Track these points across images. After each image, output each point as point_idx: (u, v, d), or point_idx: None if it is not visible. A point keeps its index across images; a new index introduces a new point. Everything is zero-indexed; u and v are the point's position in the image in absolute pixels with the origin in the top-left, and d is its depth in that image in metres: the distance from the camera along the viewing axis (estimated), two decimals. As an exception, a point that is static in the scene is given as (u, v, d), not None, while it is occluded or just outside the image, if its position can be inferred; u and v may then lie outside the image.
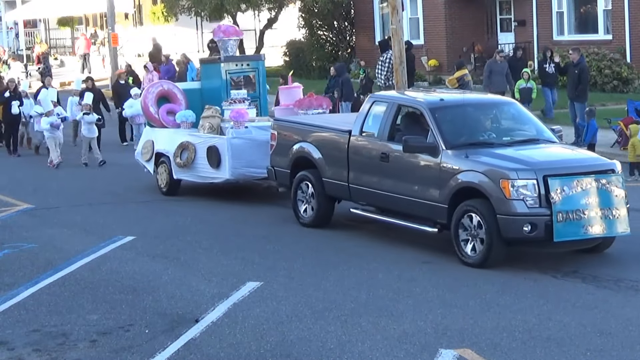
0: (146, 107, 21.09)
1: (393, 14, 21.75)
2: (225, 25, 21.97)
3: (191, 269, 14.54)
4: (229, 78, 20.69)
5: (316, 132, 17.02)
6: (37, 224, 18.23)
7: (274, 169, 17.81)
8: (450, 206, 14.36)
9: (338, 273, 14.06)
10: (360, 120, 16.17)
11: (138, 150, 21.60)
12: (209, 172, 19.45)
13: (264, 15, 46.49)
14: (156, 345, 11.22)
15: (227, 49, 20.93)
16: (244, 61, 21.34)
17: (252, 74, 20.95)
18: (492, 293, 12.83)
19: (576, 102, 25.46)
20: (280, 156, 17.58)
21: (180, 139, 20.00)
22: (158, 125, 20.93)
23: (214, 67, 21.07)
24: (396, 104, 15.85)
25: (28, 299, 13.27)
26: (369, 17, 43.26)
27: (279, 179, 17.86)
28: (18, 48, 58.65)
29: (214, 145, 19.24)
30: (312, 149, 16.90)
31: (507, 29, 39.80)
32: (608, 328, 11.31)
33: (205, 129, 19.80)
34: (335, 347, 10.92)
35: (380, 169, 15.55)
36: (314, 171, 16.85)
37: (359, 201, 16.38)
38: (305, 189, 16.98)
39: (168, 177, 20.38)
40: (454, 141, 14.69)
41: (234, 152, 18.94)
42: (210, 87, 21.06)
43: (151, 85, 21.42)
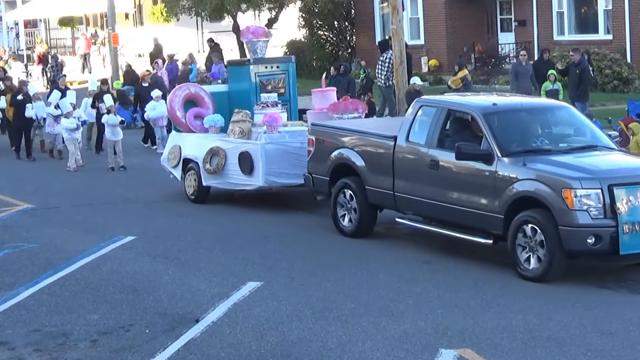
0: (173, 111, 20.22)
1: (393, 14, 21.79)
2: (254, 26, 21.06)
3: (192, 269, 14.54)
4: (258, 81, 19.84)
5: (358, 138, 16.20)
6: (38, 224, 18.23)
7: (312, 176, 17.01)
8: (506, 217, 13.60)
9: (338, 273, 14.06)
10: (406, 126, 15.31)
11: (164, 156, 20.60)
12: (240, 179, 18.57)
13: (265, 15, 46.49)
14: (157, 345, 11.22)
15: (256, 50, 20.06)
16: (274, 63, 20.39)
17: (282, 76, 20.14)
18: (493, 293, 12.83)
19: (577, 102, 25.43)
20: (318, 163, 16.80)
21: (210, 144, 19.12)
22: (185, 130, 20.07)
23: (242, 69, 20.24)
24: (446, 108, 15.01)
25: (28, 299, 13.27)
26: (369, 17, 43.27)
27: (317, 187, 17.07)
28: (18, 48, 58.66)
29: (247, 151, 18.34)
30: (353, 155, 16.11)
31: (508, 29, 39.80)
32: (609, 328, 11.31)
33: (236, 133, 18.86)
34: (335, 347, 10.92)
35: (429, 177, 14.78)
36: (355, 179, 16.05)
37: (405, 210, 15.58)
38: (346, 198, 16.18)
39: (197, 184, 19.46)
40: (510, 148, 13.93)
41: (268, 158, 18.08)
42: (238, 90, 20.19)
43: (178, 89, 20.56)
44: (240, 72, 20.25)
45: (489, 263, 14.35)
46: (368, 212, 16.03)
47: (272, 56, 22.41)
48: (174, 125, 20.53)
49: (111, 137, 24.19)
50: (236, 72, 20.57)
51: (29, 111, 26.14)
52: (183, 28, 51.85)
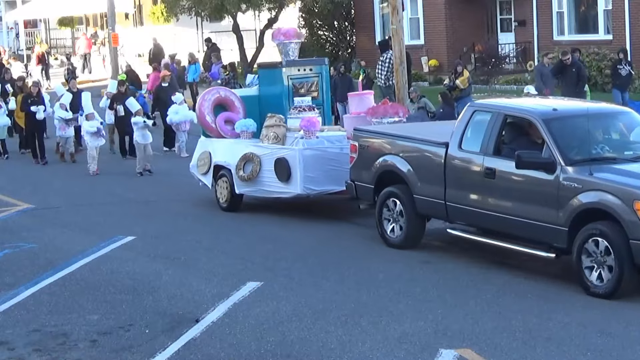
0: (202, 116, 19.33)
1: (393, 14, 21.76)
2: (285, 28, 20.16)
3: (191, 269, 14.55)
4: (291, 84, 18.94)
5: (405, 144, 15.34)
6: (38, 224, 18.24)
7: (355, 183, 16.21)
8: (571, 229, 12.81)
9: (338, 273, 14.06)
10: (459, 132, 14.47)
11: (193, 162, 19.63)
12: (276, 186, 17.76)
13: (264, 15, 46.46)
14: (156, 345, 11.22)
15: (287, 52, 19.19)
16: (306, 65, 19.43)
17: (315, 79, 19.22)
18: (493, 293, 12.83)
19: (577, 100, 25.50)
20: (362, 170, 15.99)
21: (243, 150, 18.26)
22: (215, 135, 19.18)
23: (273, 72, 19.26)
24: (502, 114, 14.11)
25: (28, 299, 13.27)
26: (370, 17, 43.24)
27: (360, 195, 16.25)
28: (18, 48, 58.64)
29: (283, 157, 17.52)
30: (400, 162, 15.26)
31: (508, 29, 39.79)
32: (608, 328, 11.31)
33: (270, 139, 18.03)
34: (335, 347, 10.92)
35: (484, 186, 13.95)
36: (403, 187, 15.24)
37: (457, 221, 14.75)
38: (393, 207, 15.38)
39: (229, 192, 18.62)
40: (573, 156, 13.12)
41: (306, 164, 17.28)
42: (269, 93, 19.30)
43: (207, 92, 19.76)
44: (272, 76, 19.35)
45: (488, 263, 14.35)
46: (416, 222, 15.23)
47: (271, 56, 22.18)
48: (203, 130, 19.63)
49: (141, 140, 23.33)
50: (267, 76, 19.69)
51: (40, 113, 25.51)
52: (183, 28, 51.83)
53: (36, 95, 26.02)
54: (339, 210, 18.14)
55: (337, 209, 18.36)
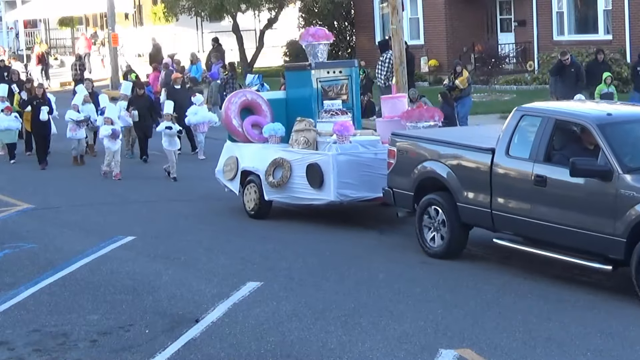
0: (228, 120, 18.52)
1: (393, 14, 21.73)
2: (314, 28, 19.34)
3: (191, 269, 14.55)
4: (320, 87, 18.27)
5: (448, 150, 14.66)
6: (38, 224, 18.24)
7: (393, 190, 15.52)
8: (629, 241, 12.21)
9: (338, 273, 14.07)
10: (506, 137, 13.84)
11: (218, 167, 18.94)
12: (308, 192, 17.05)
13: (264, 15, 46.49)
14: (156, 345, 11.23)
15: (316, 54, 18.41)
16: (336, 67, 18.72)
17: (345, 82, 18.54)
18: (493, 293, 12.83)
19: (575, 100, 25.51)
20: (401, 176, 15.30)
21: (273, 155, 17.57)
22: (241, 140, 18.46)
23: (302, 74, 18.56)
24: (553, 118, 13.44)
25: (28, 299, 13.28)
26: (369, 17, 43.27)
27: (398, 202, 15.57)
28: (18, 48, 58.64)
29: (316, 162, 16.84)
30: (442, 169, 14.58)
31: (507, 29, 39.83)
32: (608, 328, 11.31)
33: (300, 143, 17.38)
34: (335, 347, 10.93)
35: (534, 195, 13.29)
36: (445, 194, 14.57)
37: (504, 230, 14.04)
38: (434, 215, 14.72)
39: (258, 199, 17.93)
40: (631, 163, 12.46)
41: (340, 170, 16.58)
42: (297, 96, 18.63)
43: (233, 95, 19.01)
44: (300, 78, 18.65)
45: (488, 263, 14.35)
46: (459, 232, 14.55)
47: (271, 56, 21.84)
48: (229, 134, 18.92)
49: (169, 146, 22.46)
50: (295, 78, 19.00)
51: (44, 114, 24.81)
52: (183, 28, 51.86)
53: (41, 97, 25.44)
54: (339, 211, 18.12)
55: (338, 209, 18.35)
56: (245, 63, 43.85)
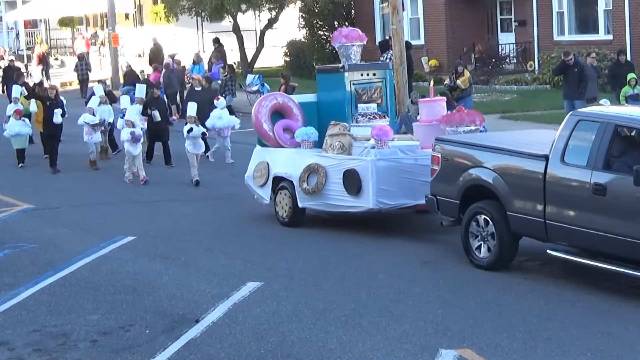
0: (259, 124, 17.76)
1: (393, 14, 21.75)
2: (347, 29, 18.39)
3: (192, 269, 14.55)
4: (353, 90, 17.53)
5: (497, 156, 13.98)
6: (38, 224, 18.24)
7: (436, 198, 14.82)
8: None
9: (338, 273, 14.07)
10: (560, 144, 13.13)
11: (249, 173, 18.16)
12: (345, 200, 16.32)
13: (265, 15, 46.48)
14: (157, 345, 11.23)
15: (349, 55, 17.72)
16: (370, 70, 17.94)
17: (379, 85, 17.75)
18: (493, 293, 12.83)
19: (578, 100, 25.49)
20: (445, 183, 14.61)
21: (307, 161, 16.86)
22: (272, 144, 17.72)
23: (334, 77, 17.77)
24: (612, 124, 12.77)
25: (28, 299, 13.28)
26: (370, 17, 43.27)
27: (442, 210, 14.88)
28: (18, 48, 58.69)
29: (354, 168, 16.11)
30: (491, 176, 13.87)
31: (508, 29, 39.83)
32: (608, 328, 11.31)
33: (335, 148, 16.64)
34: (335, 347, 10.93)
35: (592, 204, 12.64)
36: (494, 203, 13.89)
37: (558, 241, 13.33)
38: (482, 224, 14.01)
39: (291, 206, 17.21)
40: None
41: (379, 176, 15.87)
42: (330, 100, 17.86)
43: (264, 99, 18.34)
44: (332, 80, 17.84)
45: (489, 263, 14.34)
46: (509, 242, 13.83)
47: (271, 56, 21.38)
48: (259, 138, 18.15)
49: (193, 150, 21.76)
50: (327, 80, 18.11)
51: (57, 117, 24.21)
52: (183, 28, 51.87)
53: (54, 98, 24.76)
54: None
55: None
56: (246, 63, 43.85)
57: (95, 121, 24.22)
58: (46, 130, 24.77)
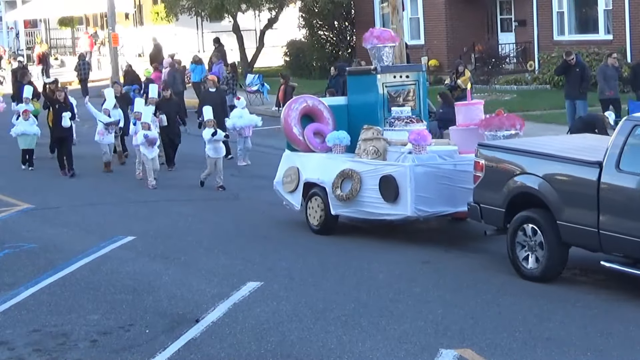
0: (289, 128, 17.12)
1: (393, 14, 21.74)
2: (378, 29, 17.90)
3: (192, 269, 14.55)
4: (386, 92, 16.86)
5: (546, 163, 13.35)
6: (38, 224, 18.24)
7: (480, 206, 14.22)
8: None
9: (338, 273, 14.07)
10: (615, 150, 12.55)
11: (278, 179, 17.54)
12: (381, 207, 15.69)
13: (265, 15, 46.51)
14: (157, 345, 11.23)
15: (381, 57, 17.08)
16: (403, 72, 17.31)
17: (412, 87, 17.13)
18: (493, 293, 12.83)
19: (579, 100, 25.51)
20: (490, 191, 14.01)
21: (340, 166, 16.23)
22: (302, 149, 17.09)
23: (366, 79, 17.15)
24: None
25: (28, 299, 13.28)
26: (370, 17, 43.26)
27: (486, 219, 14.26)
28: (18, 48, 58.69)
29: (390, 174, 15.49)
30: (540, 184, 13.26)
31: (508, 29, 39.83)
32: (608, 328, 11.31)
33: (370, 153, 16.08)
34: (335, 347, 10.93)
35: None
36: (542, 212, 13.26)
37: (613, 252, 12.79)
38: (530, 234, 13.39)
39: (323, 213, 16.59)
40: None
41: (418, 183, 15.26)
42: (361, 103, 17.19)
43: (293, 102, 17.60)
44: (364, 83, 17.20)
45: (488, 263, 14.35)
46: (559, 252, 13.22)
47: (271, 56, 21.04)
48: (289, 142, 17.50)
49: (214, 154, 21.01)
50: (358, 83, 17.46)
51: (66, 120, 23.39)
52: (183, 28, 51.89)
53: (63, 101, 23.86)
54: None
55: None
56: (246, 63, 43.86)
57: (108, 121, 23.71)
58: (55, 134, 24.00)
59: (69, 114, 23.61)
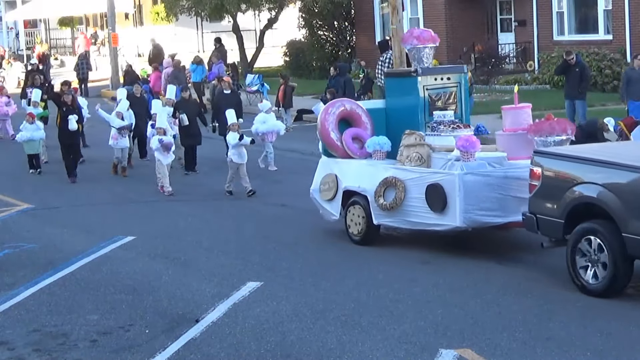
0: (326, 133, 16.34)
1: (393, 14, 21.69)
2: (418, 30, 16.92)
3: (191, 269, 14.55)
4: (427, 96, 16.11)
5: (610, 171, 12.56)
6: (38, 224, 18.24)
7: (536, 216, 13.44)
8: None
9: (338, 273, 14.07)
10: None
11: (314, 186, 16.71)
12: (427, 217, 14.93)
13: (264, 15, 46.51)
14: (156, 345, 11.23)
15: (421, 58, 16.32)
16: (444, 74, 16.50)
17: (453, 90, 16.37)
18: (493, 293, 12.83)
19: (578, 100, 25.50)
20: (548, 201, 13.23)
21: (383, 174, 15.46)
22: (340, 155, 16.34)
23: (406, 81, 16.30)
24: None
25: (28, 299, 13.28)
26: (369, 17, 43.28)
27: (543, 230, 13.46)
28: (18, 48, 58.70)
29: (438, 183, 14.71)
30: (602, 193, 12.49)
31: (508, 29, 39.83)
32: (608, 328, 11.31)
33: (413, 160, 15.32)
34: (335, 347, 10.93)
35: None
36: (606, 223, 12.49)
37: None
38: (593, 247, 12.66)
39: (364, 222, 15.77)
40: None
41: (467, 192, 14.49)
42: (400, 106, 16.39)
43: (331, 105, 16.78)
44: (404, 85, 16.37)
45: (488, 263, 14.35)
46: (624, 266, 12.45)
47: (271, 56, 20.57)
48: (324, 148, 16.72)
49: (237, 159, 20.16)
50: (397, 85, 16.62)
51: (72, 123, 22.42)
52: (183, 28, 51.90)
53: (71, 104, 22.88)
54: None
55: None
56: (246, 63, 43.86)
57: (122, 124, 23.03)
58: (62, 139, 22.82)
59: (76, 116, 22.75)
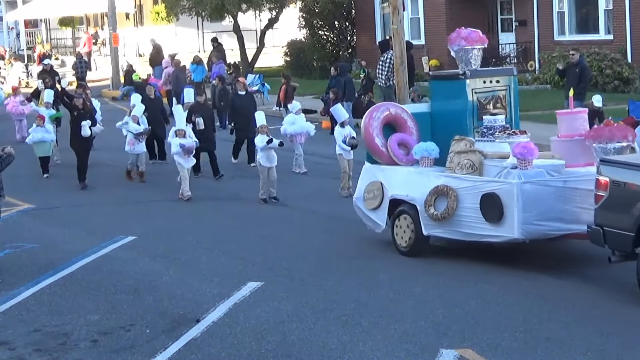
0: (370, 138, 15.60)
1: (394, 14, 21.72)
2: (466, 30, 15.94)
3: (192, 269, 14.56)
4: (476, 99, 15.36)
5: None
6: (38, 224, 18.25)
7: (603, 229, 12.72)
8: None
9: (339, 273, 14.07)
10: None
11: (358, 194, 15.98)
12: (482, 227, 14.15)
13: (265, 15, 46.48)
14: (157, 345, 11.24)
15: (469, 60, 15.56)
16: (493, 76, 15.71)
17: (502, 93, 15.58)
18: (493, 293, 12.84)
19: (576, 100, 25.51)
20: (615, 212, 12.53)
21: (433, 182, 14.72)
22: (385, 161, 15.60)
23: (453, 84, 15.60)
24: None
25: (29, 299, 13.29)
26: (370, 17, 43.26)
27: (611, 243, 12.73)
28: (19, 48, 58.68)
29: (493, 192, 13.95)
30: None
31: (508, 29, 39.81)
32: (608, 328, 11.31)
33: (464, 167, 14.56)
34: (336, 347, 10.93)
35: None
36: None
37: None
38: None
39: (413, 233, 14.99)
40: None
41: (526, 201, 13.71)
42: (447, 110, 15.64)
43: (375, 110, 16.04)
44: (451, 89, 15.65)
45: (489, 263, 14.35)
46: None
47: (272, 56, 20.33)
48: (368, 154, 16.01)
49: (266, 163, 19.39)
50: (444, 88, 15.89)
51: (85, 129, 21.62)
52: (183, 28, 51.88)
53: (82, 107, 22.08)
54: (339, 211, 18.12)
55: (338, 211, 18.36)
56: (246, 63, 43.83)
57: (139, 130, 22.26)
58: (74, 144, 21.96)
59: (89, 122, 21.87)
